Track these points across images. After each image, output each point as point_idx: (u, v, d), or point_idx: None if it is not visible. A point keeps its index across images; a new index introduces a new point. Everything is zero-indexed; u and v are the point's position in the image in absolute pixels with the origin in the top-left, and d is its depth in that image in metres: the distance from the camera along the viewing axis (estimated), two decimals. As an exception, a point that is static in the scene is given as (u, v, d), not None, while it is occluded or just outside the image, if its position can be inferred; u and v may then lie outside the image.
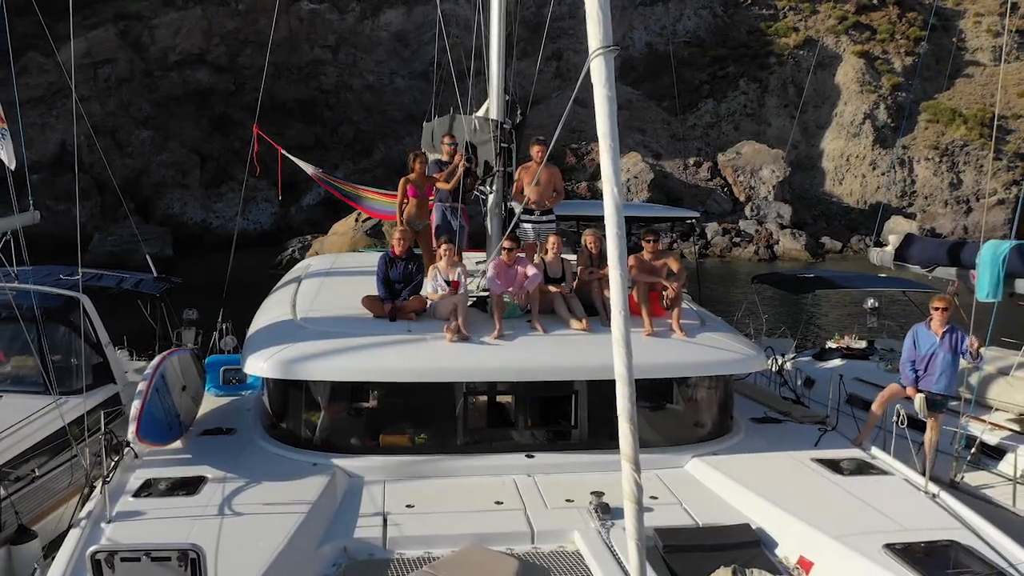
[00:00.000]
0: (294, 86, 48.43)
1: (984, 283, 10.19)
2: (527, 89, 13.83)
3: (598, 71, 4.78)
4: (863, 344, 14.36)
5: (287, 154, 13.20)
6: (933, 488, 7.21)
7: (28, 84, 45.07)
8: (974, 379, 10.01)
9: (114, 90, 45.11)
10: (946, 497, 7.10)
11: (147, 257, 13.79)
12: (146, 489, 6.92)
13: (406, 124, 53.12)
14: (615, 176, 4.37)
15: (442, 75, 12.32)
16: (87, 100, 43.78)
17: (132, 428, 7.38)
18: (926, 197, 53.68)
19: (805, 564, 6.29)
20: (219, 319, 12.08)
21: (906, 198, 53.93)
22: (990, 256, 10.29)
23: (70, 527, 8.09)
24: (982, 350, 9.04)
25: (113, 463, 6.96)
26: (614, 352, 4.44)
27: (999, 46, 60.64)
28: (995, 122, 20.43)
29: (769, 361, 12.61)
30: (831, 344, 15.06)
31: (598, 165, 51.19)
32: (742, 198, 50.65)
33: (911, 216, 51.64)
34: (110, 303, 12.71)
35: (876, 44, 58.75)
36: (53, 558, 6.00)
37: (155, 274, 13.23)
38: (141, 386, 7.76)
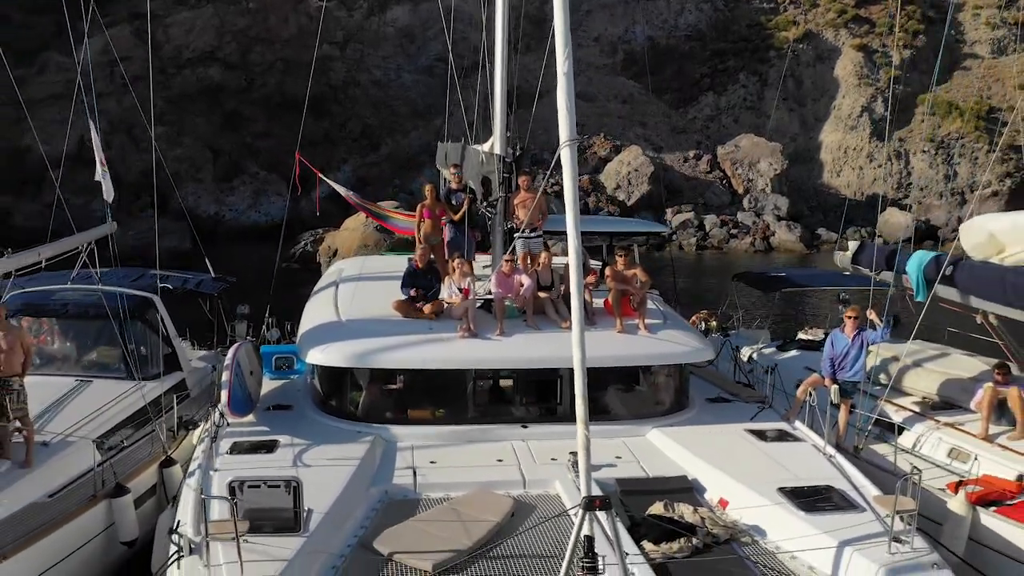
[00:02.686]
0: (303, 82, 50.69)
1: (915, 286, 12.63)
2: (532, 84, 15.90)
3: (566, 158, 7.24)
4: (820, 336, 16.81)
5: (324, 178, 15.55)
6: (831, 451, 9.68)
7: (48, 82, 47.55)
8: (894, 368, 12.47)
9: (130, 87, 47.47)
10: (839, 458, 9.55)
11: (206, 261, 16.21)
12: (235, 450, 9.40)
13: (411, 119, 55.47)
14: (577, 259, 6.88)
15: (450, 71, 14.58)
16: (104, 97, 46.06)
17: (224, 403, 9.89)
18: (921, 189, 55.90)
19: (723, 503, 8.76)
20: (266, 313, 14.57)
21: (902, 190, 56.16)
22: (913, 265, 12.71)
23: (161, 484, 10.60)
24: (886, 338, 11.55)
25: (216, 427, 9.47)
26: (574, 363, 6.89)
27: (997, 39, 62.76)
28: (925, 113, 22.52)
29: (741, 351, 15.16)
30: (801, 335, 17.51)
31: (599, 158, 53.56)
32: (740, 190, 52.94)
33: (906, 208, 53.88)
34: (170, 299, 15.14)
35: (875, 37, 60.84)
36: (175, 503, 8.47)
37: (213, 275, 15.72)
38: (226, 374, 10.26)
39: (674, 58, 61.12)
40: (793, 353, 15.72)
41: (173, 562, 7.33)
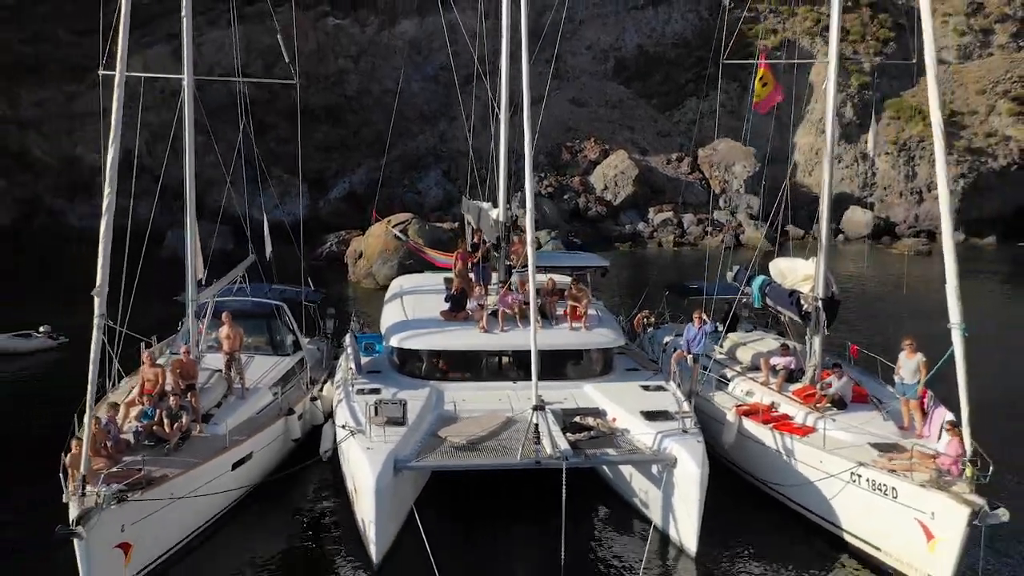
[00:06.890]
0: (322, 94, 60.01)
1: (754, 297, 22.09)
2: (535, 90, 24.40)
3: (530, 255, 16.60)
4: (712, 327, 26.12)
5: (396, 232, 24.84)
6: (679, 395, 19.01)
7: (97, 97, 56.59)
8: (735, 347, 21.89)
9: (168, 100, 56.61)
10: (682, 399, 18.85)
11: (305, 275, 25.55)
12: (359, 392, 18.69)
13: (419, 123, 64.67)
14: (534, 313, 16.24)
15: (457, 79, 23.90)
16: (147, 110, 55.15)
17: (352, 369, 19.32)
18: (884, 188, 65.16)
19: (614, 419, 18.01)
20: (352, 314, 23.99)
21: (867, 189, 65.42)
22: (756, 284, 22.14)
23: (306, 411, 20.03)
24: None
25: (350, 382, 18.91)
26: (531, 351, 16.24)
27: (964, 45, 71.85)
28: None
29: (664, 339, 24.60)
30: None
31: (589, 161, 62.64)
32: (717, 190, 62.21)
33: (869, 206, 63.13)
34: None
35: (848, 45, 69.79)
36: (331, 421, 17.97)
37: (312, 288, 25.21)
38: (350, 350, 19.69)
39: (661, 65, 70.18)
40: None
41: (345, 440, 16.66)
